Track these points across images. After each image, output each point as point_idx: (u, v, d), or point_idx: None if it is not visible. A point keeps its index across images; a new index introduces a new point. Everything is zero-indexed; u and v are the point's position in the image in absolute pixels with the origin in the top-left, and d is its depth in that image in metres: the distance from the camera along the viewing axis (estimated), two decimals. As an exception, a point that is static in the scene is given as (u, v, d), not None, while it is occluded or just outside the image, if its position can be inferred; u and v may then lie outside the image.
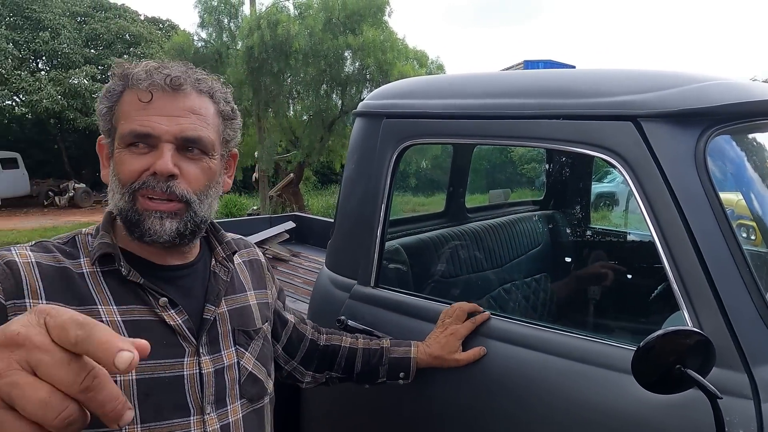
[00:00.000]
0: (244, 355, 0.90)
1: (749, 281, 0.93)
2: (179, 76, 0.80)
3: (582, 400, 1.01)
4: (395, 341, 1.19)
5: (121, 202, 0.80)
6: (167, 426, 0.78)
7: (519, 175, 3.48)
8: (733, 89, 1.05)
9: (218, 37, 10.28)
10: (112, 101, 0.82)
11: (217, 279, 0.90)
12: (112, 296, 0.80)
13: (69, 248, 0.83)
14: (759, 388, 0.89)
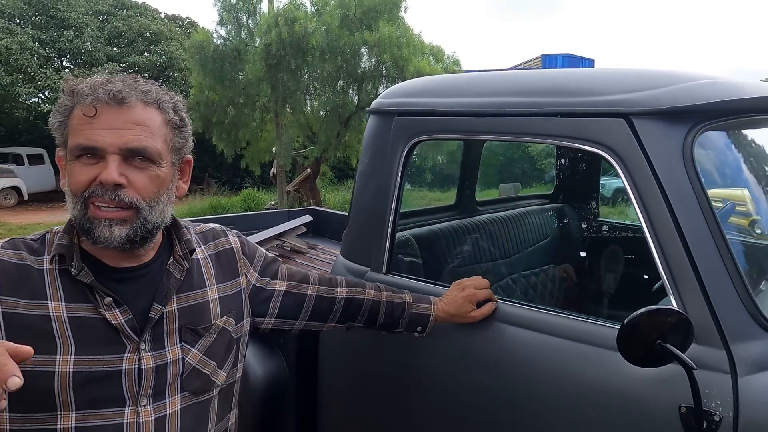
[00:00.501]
0: (190, 351, 0.95)
1: (730, 266, 1.01)
2: (121, 90, 0.86)
3: (577, 375, 1.10)
4: (416, 296, 1.27)
5: (75, 210, 0.87)
6: (101, 414, 0.86)
7: (530, 170, 3.54)
8: (719, 87, 1.12)
9: (237, 34, 10.44)
10: (63, 116, 0.88)
11: (170, 278, 0.95)
12: (63, 293, 0.87)
13: (37, 245, 0.91)
14: (736, 364, 0.97)
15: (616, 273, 1.94)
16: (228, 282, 1.06)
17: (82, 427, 0.86)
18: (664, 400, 1.00)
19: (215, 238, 1.09)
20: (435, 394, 1.32)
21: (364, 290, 1.24)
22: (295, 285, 1.18)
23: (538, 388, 1.15)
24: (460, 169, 2.24)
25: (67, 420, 0.85)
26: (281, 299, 1.15)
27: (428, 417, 1.33)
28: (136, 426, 0.88)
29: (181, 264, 0.97)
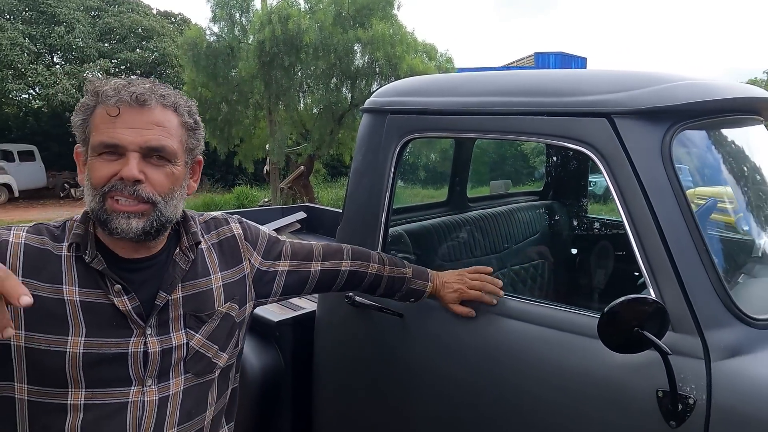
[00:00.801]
0: (194, 336, 1.00)
1: (705, 259, 1.07)
2: (143, 92, 0.92)
3: (560, 363, 1.16)
4: (416, 271, 1.34)
5: (93, 203, 0.92)
6: (108, 392, 0.92)
7: (520, 167, 3.60)
8: (697, 88, 1.17)
9: (230, 31, 10.42)
10: (86, 114, 0.94)
11: (176, 267, 1.00)
12: (77, 278, 0.93)
13: (58, 232, 0.97)
14: (710, 350, 1.03)
15: (601, 266, 2.00)
16: (231, 269, 1.11)
17: (90, 404, 0.91)
18: (642, 385, 1.06)
19: (217, 226, 1.14)
20: (426, 384, 1.37)
21: (368, 264, 1.30)
22: (299, 263, 1.22)
23: (525, 375, 1.20)
24: (451, 167, 2.29)
25: (77, 396, 0.91)
26: (285, 278, 1.20)
27: (421, 406, 1.38)
28: (141, 404, 0.94)
29: (186, 255, 1.03)
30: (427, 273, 1.35)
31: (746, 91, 1.30)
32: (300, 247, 1.26)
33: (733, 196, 1.42)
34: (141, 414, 0.94)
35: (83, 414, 0.91)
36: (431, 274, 1.35)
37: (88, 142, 0.94)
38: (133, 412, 0.94)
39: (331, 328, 1.60)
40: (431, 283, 1.33)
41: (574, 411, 1.13)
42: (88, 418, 0.91)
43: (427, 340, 1.37)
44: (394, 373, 1.44)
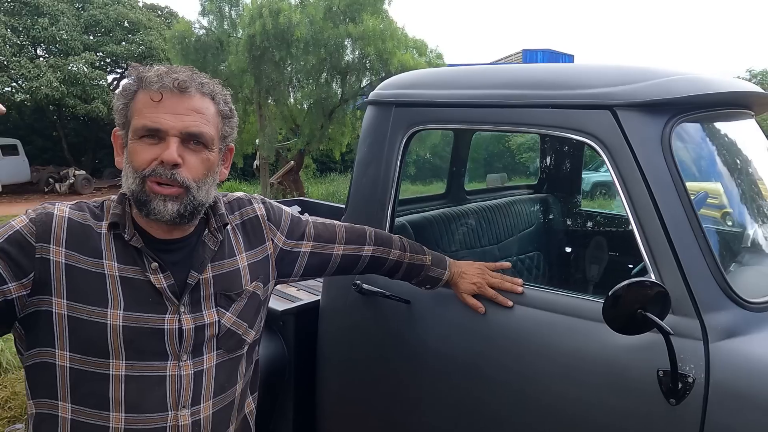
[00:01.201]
0: (224, 314, 1.05)
1: (703, 245, 1.12)
2: (185, 80, 0.96)
3: (565, 345, 1.21)
4: (436, 259, 1.37)
5: (133, 185, 0.95)
6: (147, 365, 0.96)
7: (515, 162, 3.66)
8: (695, 82, 1.22)
9: (219, 25, 10.34)
10: (127, 98, 0.97)
11: (205, 248, 1.04)
12: (116, 255, 0.97)
13: (98, 211, 1.01)
14: (708, 331, 1.08)
15: (597, 254, 2.06)
16: (255, 249, 1.15)
17: (131, 375, 0.95)
18: (643, 365, 1.11)
19: (241, 207, 1.17)
20: (433, 370, 1.41)
21: (390, 250, 1.33)
22: (321, 245, 1.25)
23: (530, 359, 1.24)
24: (450, 160, 2.33)
25: (118, 367, 0.95)
26: (307, 259, 1.24)
27: (427, 392, 1.42)
28: (178, 378, 0.99)
29: (215, 236, 1.06)
30: (446, 261, 1.38)
31: (740, 85, 1.35)
32: (323, 228, 1.28)
33: (721, 189, 1.48)
34: (179, 387, 0.99)
35: (125, 384, 0.95)
36: (449, 262, 1.38)
37: (128, 125, 0.97)
38: (172, 384, 0.98)
39: (337, 315, 1.63)
40: (448, 272, 1.36)
41: (578, 391, 1.17)
42: (130, 388, 0.95)
43: (434, 326, 1.41)
44: (400, 360, 1.47)
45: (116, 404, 0.95)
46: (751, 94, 1.36)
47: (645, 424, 1.09)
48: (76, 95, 15.12)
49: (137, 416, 0.96)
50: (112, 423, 0.95)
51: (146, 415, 0.96)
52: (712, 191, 1.51)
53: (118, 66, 17.89)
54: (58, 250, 0.94)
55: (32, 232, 0.94)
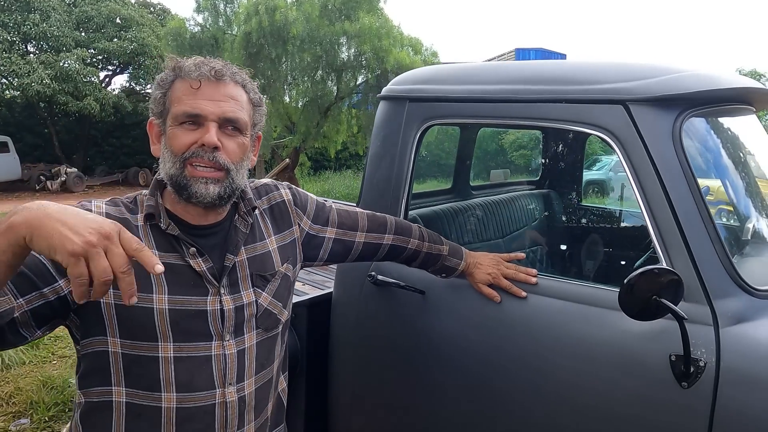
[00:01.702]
0: (261, 294, 1.09)
1: (713, 234, 1.16)
2: (221, 69, 1.01)
3: (579, 333, 1.25)
4: (452, 249, 1.41)
5: (173, 169, 0.99)
6: (194, 346, 1.00)
7: (516, 158, 3.71)
8: (704, 78, 1.27)
9: (214, 21, 10.31)
10: (164, 88, 1.01)
11: (237, 232, 1.08)
12: (155, 244, 1.01)
13: (132, 205, 1.05)
14: (718, 317, 1.12)
15: (595, 246, 2.11)
16: (283, 232, 1.19)
17: (179, 356, 0.99)
18: (655, 350, 1.15)
19: (268, 192, 1.21)
20: (449, 359, 1.44)
21: (409, 239, 1.37)
22: (345, 232, 1.30)
23: (547, 346, 1.28)
24: (456, 157, 2.36)
25: (167, 350, 0.98)
26: (331, 245, 1.29)
27: (443, 381, 1.45)
28: (223, 357, 1.03)
29: (245, 219, 1.11)
30: (462, 252, 1.42)
31: (746, 82, 1.40)
32: (346, 215, 1.32)
33: (726, 182, 1.53)
34: (224, 365, 1.02)
35: (174, 365, 0.99)
36: (465, 253, 1.42)
37: (165, 114, 1.01)
38: (218, 364, 1.02)
39: (351, 307, 1.65)
40: (464, 262, 1.40)
41: (593, 377, 1.21)
42: (180, 368, 0.99)
43: (449, 316, 1.44)
44: (415, 350, 1.50)
45: (167, 385, 0.98)
46: (755, 90, 1.40)
47: (658, 407, 1.13)
48: (67, 92, 14.99)
49: (187, 395, 0.99)
50: (164, 403, 0.98)
51: (196, 393, 1.00)
52: (714, 186, 1.56)
53: (110, 63, 17.76)
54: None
55: None
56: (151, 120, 1.05)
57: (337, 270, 1.73)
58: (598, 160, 8.85)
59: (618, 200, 2.91)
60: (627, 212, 2.27)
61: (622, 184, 2.76)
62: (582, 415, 1.23)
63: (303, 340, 1.73)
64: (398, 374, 1.55)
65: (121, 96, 17.29)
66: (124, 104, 16.91)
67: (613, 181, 5.93)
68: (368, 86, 10.31)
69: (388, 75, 9.42)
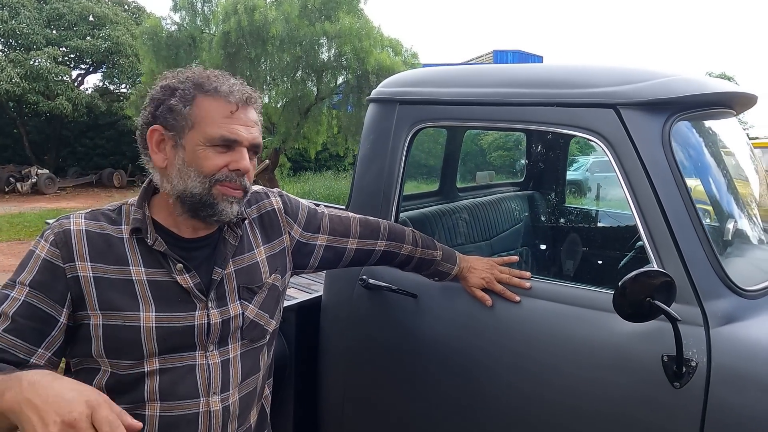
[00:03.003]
0: (248, 307, 1.09)
1: (702, 236, 1.18)
2: (252, 95, 1.03)
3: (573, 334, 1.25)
4: (446, 254, 1.41)
5: (198, 188, 0.99)
6: (178, 357, 1.01)
7: (500, 160, 3.74)
8: (692, 83, 1.29)
9: (192, 20, 10.15)
10: (187, 103, 0.99)
11: (226, 244, 1.08)
12: (141, 259, 1.00)
13: (115, 215, 1.03)
14: (708, 318, 1.14)
15: (580, 246, 2.14)
16: (273, 242, 1.18)
17: (164, 368, 0.99)
18: (648, 351, 1.16)
19: (258, 201, 1.20)
20: (441, 362, 1.43)
21: (402, 245, 1.37)
22: (336, 239, 1.29)
23: (540, 349, 1.29)
24: (443, 159, 2.36)
25: (152, 363, 0.99)
26: (322, 252, 1.28)
27: (435, 384, 1.45)
28: (207, 367, 1.03)
29: (235, 231, 1.10)
30: (456, 256, 1.42)
31: (730, 86, 1.43)
32: (338, 221, 1.31)
33: (709, 185, 1.56)
34: (208, 375, 1.03)
35: (159, 377, 0.99)
36: (459, 257, 1.42)
37: (184, 129, 0.99)
38: (201, 373, 1.02)
39: (341, 310, 1.64)
40: (458, 267, 1.40)
41: (587, 378, 1.22)
42: (164, 381, 0.99)
43: (442, 319, 1.44)
44: (407, 354, 1.49)
45: (151, 395, 0.99)
46: (739, 94, 1.44)
47: (651, 407, 1.15)
48: (38, 91, 14.59)
49: (171, 403, 1.00)
50: (148, 411, 0.99)
51: (180, 401, 1.00)
52: (698, 189, 1.59)
53: (83, 61, 17.34)
54: (84, 265, 0.97)
55: (57, 255, 0.97)
56: (156, 128, 1.01)
57: (326, 273, 1.71)
58: (575, 160, 9.00)
59: (594, 200, 2.97)
60: (615, 213, 2.30)
61: (598, 184, 2.81)
62: (576, 416, 1.23)
63: (292, 344, 1.70)
64: (390, 379, 1.54)
65: (94, 96, 16.88)
66: (98, 104, 16.51)
67: (590, 182, 6.03)
68: (349, 87, 10.28)
69: (368, 76, 9.41)
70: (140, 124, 1.03)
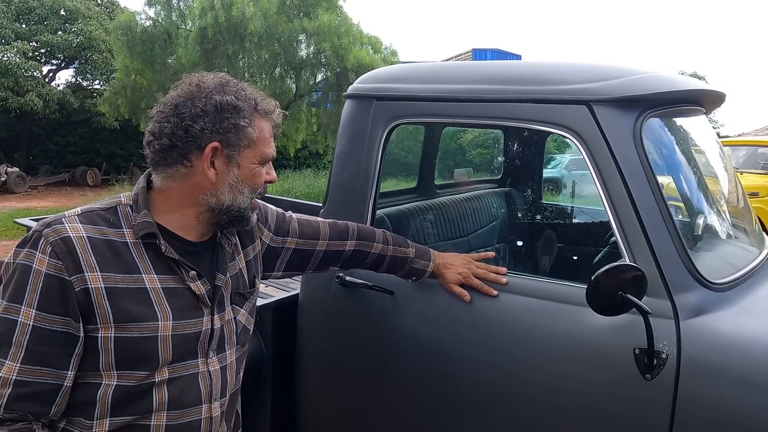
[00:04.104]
0: (239, 311, 1.11)
1: (672, 230, 1.21)
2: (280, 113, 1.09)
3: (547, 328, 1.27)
4: (419, 251, 1.40)
5: (247, 202, 1.04)
6: (183, 366, 1.00)
7: (477, 158, 3.76)
8: (663, 80, 1.31)
9: (167, 16, 9.97)
10: (248, 121, 1.01)
11: (224, 250, 1.09)
12: (152, 266, 0.98)
13: (112, 217, 0.99)
14: (678, 311, 1.16)
15: (555, 242, 2.16)
16: (248, 248, 1.20)
17: (172, 377, 0.98)
18: (620, 344, 1.18)
19: None
20: (417, 358, 1.43)
21: (372, 243, 1.37)
22: (305, 242, 1.31)
23: (515, 344, 1.30)
24: (420, 156, 2.36)
25: (163, 373, 0.97)
26: (290, 255, 1.29)
27: (412, 380, 1.45)
28: (208, 374, 1.03)
29: (229, 238, 1.12)
30: (430, 253, 1.41)
31: (701, 84, 1.46)
32: (307, 224, 1.32)
33: (678, 181, 1.59)
34: (210, 382, 1.03)
35: (167, 387, 0.98)
36: (433, 254, 1.41)
37: (240, 146, 1.01)
38: (204, 380, 1.02)
39: (318, 308, 1.63)
40: (433, 263, 1.39)
41: (561, 371, 1.23)
42: (172, 390, 0.98)
43: (418, 315, 1.44)
44: (384, 351, 1.49)
45: (159, 405, 0.98)
46: (708, 92, 1.47)
47: (623, 398, 1.17)
48: (7, 87, 14.15)
49: (178, 412, 0.99)
50: (154, 421, 0.97)
51: (186, 410, 1.00)
52: (668, 185, 1.63)
53: (54, 57, 16.88)
54: (95, 276, 0.92)
55: (61, 267, 0.90)
56: (215, 145, 0.99)
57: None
58: (553, 158, 9.13)
59: (570, 197, 3.01)
60: (590, 210, 2.33)
61: (574, 181, 2.85)
62: (550, 409, 1.25)
63: (269, 343, 1.69)
64: (367, 375, 1.53)
65: (66, 92, 16.43)
66: (70, 101, 16.07)
67: (566, 179, 6.11)
68: (328, 85, 10.24)
69: (347, 73, 9.38)
70: (178, 133, 0.97)
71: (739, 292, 1.27)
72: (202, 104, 0.98)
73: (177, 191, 1.01)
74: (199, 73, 1.05)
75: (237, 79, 1.07)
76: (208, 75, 1.05)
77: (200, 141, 0.98)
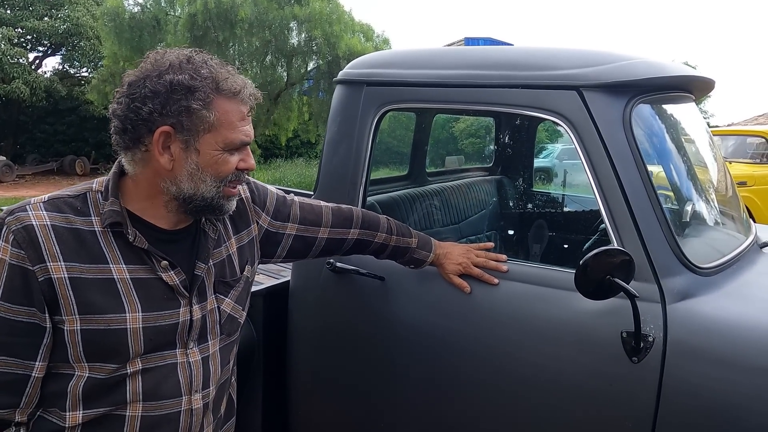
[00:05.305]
0: (224, 300, 1.06)
1: (660, 215, 1.22)
2: (253, 91, 0.98)
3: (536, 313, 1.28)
4: (422, 241, 1.38)
5: (213, 191, 0.96)
6: (159, 356, 0.97)
7: (469, 146, 3.76)
8: (653, 66, 1.32)
9: (156, 2, 9.81)
10: (206, 104, 0.90)
11: (207, 237, 1.04)
12: (121, 256, 0.93)
13: (80, 204, 0.93)
14: (665, 294, 1.18)
15: (545, 229, 2.18)
16: (241, 233, 1.15)
17: (146, 368, 0.95)
18: (607, 328, 1.20)
19: None
20: (409, 344, 1.44)
21: (376, 233, 1.34)
22: (306, 228, 1.26)
23: (505, 328, 1.31)
24: (412, 144, 2.36)
25: (135, 365, 0.94)
26: (291, 241, 1.24)
27: (403, 365, 1.46)
28: (187, 365, 1.00)
29: (214, 224, 1.06)
30: (431, 243, 1.40)
31: (689, 70, 1.46)
32: (309, 209, 1.27)
33: (667, 167, 1.60)
34: (190, 373, 1.00)
35: (142, 378, 0.95)
36: (435, 244, 1.40)
37: (200, 131, 0.92)
38: (183, 372, 0.99)
39: (309, 295, 1.63)
40: (433, 254, 1.38)
41: (551, 354, 1.25)
42: (147, 381, 0.95)
43: (409, 301, 1.44)
44: (375, 336, 1.50)
45: (134, 396, 0.95)
46: (697, 78, 1.47)
47: (611, 381, 1.18)
48: (-8, 74, 13.92)
49: (153, 404, 0.96)
50: (129, 412, 0.95)
51: (162, 401, 0.97)
52: (656, 171, 1.64)
53: (41, 43, 16.59)
54: (58, 266, 0.88)
55: (23, 257, 0.87)
56: (166, 131, 0.91)
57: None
58: (545, 148, 9.15)
59: (562, 186, 3.03)
60: (581, 198, 2.35)
61: (565, 170, 2.86)
62: (539, 392, 1.26)
63: (260, 330, 1.69)
64: (359, 362, 1.54)
65: (53, 79, 16.18)
66: (58, 88, 15.83)
67: (558, 168, 6.14)
68: (320, 72, 10.15)
69: (339, 61, 9.31)
70: (129, 115, 0.90)
71: (725, 277, 1.28)
72: (152, 84, 0.89)
73: (142, 177, 0.95)
74: (164, 49, 0.97)
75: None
76: (173, 51, 0.95)
77: (150, 124, 0.90)
